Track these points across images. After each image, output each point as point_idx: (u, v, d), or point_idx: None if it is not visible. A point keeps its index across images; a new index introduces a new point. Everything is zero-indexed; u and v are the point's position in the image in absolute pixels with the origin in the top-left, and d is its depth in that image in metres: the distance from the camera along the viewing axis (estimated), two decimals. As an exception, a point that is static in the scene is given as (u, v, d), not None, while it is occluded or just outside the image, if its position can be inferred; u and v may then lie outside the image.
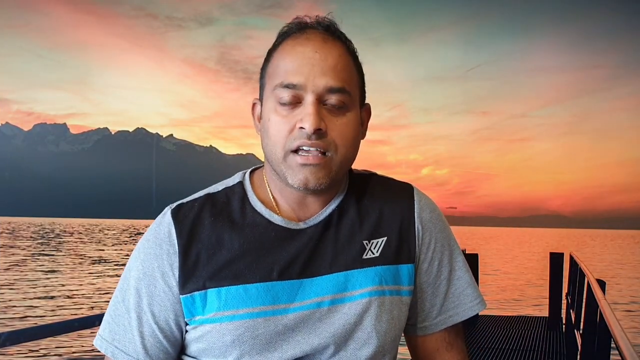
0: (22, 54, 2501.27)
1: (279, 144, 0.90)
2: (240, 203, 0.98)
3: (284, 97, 0.90)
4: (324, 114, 0.90)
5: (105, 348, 0.95)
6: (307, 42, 0.91)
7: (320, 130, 0.88)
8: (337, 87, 0.90)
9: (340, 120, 0.91)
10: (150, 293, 0.94)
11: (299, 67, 0.89)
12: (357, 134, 0.95)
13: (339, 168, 0.92)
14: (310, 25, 0.94)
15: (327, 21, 0.94)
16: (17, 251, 34.07)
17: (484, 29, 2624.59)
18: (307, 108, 0.88)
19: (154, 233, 0.96)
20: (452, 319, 1.05)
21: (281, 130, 0.90)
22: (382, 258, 0.97)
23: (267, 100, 0.93)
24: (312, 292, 0.93)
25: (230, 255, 0.93)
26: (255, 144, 1.02)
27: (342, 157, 0.92)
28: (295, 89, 0.89)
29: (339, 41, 0.94)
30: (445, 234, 1.05)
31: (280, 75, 0.91)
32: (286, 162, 0.90)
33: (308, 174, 0.89)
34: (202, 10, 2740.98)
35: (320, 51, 0.90)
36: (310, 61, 0.89)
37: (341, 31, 0.95)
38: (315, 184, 0.90)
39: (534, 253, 47.36)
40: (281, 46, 0.94)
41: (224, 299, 0.91)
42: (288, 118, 0.90)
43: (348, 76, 0.92)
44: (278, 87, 0.90)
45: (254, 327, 0.90)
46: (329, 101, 0.90)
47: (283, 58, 0.92)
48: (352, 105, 0.93)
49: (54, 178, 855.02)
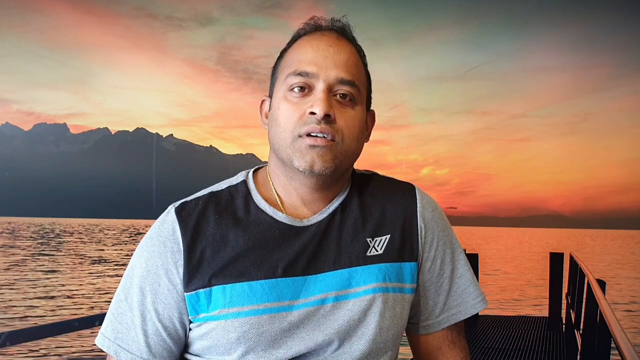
0: (22, 54, 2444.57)
1: (288, 129, 0.92)
2: (244, 201, 0.99)
3: (295, 85, 0.93)
4: (333, 103, 0.93)
5: (108, 346, 0.95)
6: (321, 37, 0.96)
7: (329, 117, 0.91)
8: (347, 79, 0.93)
9: (348, 112, 0.94)
10: (154, 291, 0.94)
11: (313, 58, 0.93)
12: (362, 130, 0.97)
13: (344, 157, 0.94)
14: (325, 27, 0.98)
15: (341, 24, 0.99)
16: (17, 251, 34.07)
17: (484, 29, 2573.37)
18: (318, 94, 0.92)
19: (157, 231, 0.96)
20: (454, 317, 1.05)
21: (291, 116, 0.92)
22: (385, 255, 0.98)
23: (278, 91, 0.96)
24: (317, 289, 0.93)
25: (235, 253, 0.93)
26: (256, 144, 1.03)
27: (347, 147, 0.94)
28: (307, 77, 0.92)
29: (351, 43, 0.98)
30: (447, 232, 1.06)
31: (294, 64, 0.94)
32: (294, 146, 0.92)
33: (315, 156, 0.91)
34: (202, 10, 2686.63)
35: (334, 46, 0.95)
36: (324, 53, 0.94)
37: (353, 36, 0.99)
38: (321, 166, 0.91)
39: (534, 253, 47.36)
40: (296, 43, 0.98)
41: (228, 296, 0.91)
42: (298, 105, 0.92)
43: (358, 73, 0.96)
44: (291, 75, 0.93)
45: (258, 324, 0.90)
46: (338, 92, 0.93)
47: (297, 50, 0.96)
48: (360, 101, 0.96)
49: (54, 178, 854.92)
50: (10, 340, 1.65)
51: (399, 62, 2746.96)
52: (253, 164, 1.12)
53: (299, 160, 0.92)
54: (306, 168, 0.91)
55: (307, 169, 0.91)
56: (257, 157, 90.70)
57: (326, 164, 0.91)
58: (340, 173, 0.96)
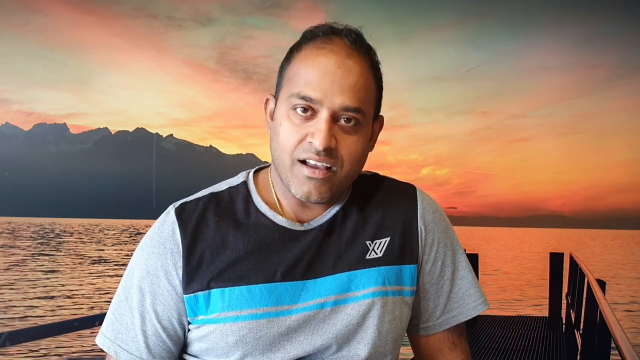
0: (22, 54, 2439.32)
1: (287, 151, 0.90)
2: (245, 203, 0.98)
3: (298, 107, 0.89)
4: (335, 130, 0.90)
5: (108, 346, 0.95)
6: (330, 54, 0.90)
7: (330, 148, 0.89)
8: (353, 107, 0.89)
9: (351, 138, 0.91)
10: (154, 292, 0.94)
11: (319, 81, 0.88)
12: (365, 150, 0.95)
13: (342, 182, 0.93)
14: (338, 33, 0.92)
15: (354, 37, 0.92)
16: (17, 251, 34.07)
17: (484, 29, 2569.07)
18: (320, 124, 0.88)
19: (157, 232, 0.96)
20: (455, 318, 1.05)
21: (291, 139, 0.90)
22: (385, 258, 0.97)
23: (282, 104, 0.93)
24: (316, 293, 0.93)
25: (234, 256, 0.93)
26: (256, 144, 1.04)
27: (346, 173, 0.92)
28: (311, 102, 0.89)
29: (363, 57, 0.92)
30: (448, 234, 1.05)
31: (299, 84, 0.89)
32: (292, 172, 0.91)
33: (312, 188, 0.90)
34: (202, 10, 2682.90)
35: (342, 67, 0.89)
36: (331, 77, 0.88)
37: (368, 44, 0.94)
38: (317, 197, 0.91)
39: (534, 253, 47.35)
40: (304, 50, 0.92)
41: (227, 299, 0.91)
42: (300, 128, 0.90)
43: (366, 96, 0.91)
44: (294, 97, 0.89)
45: (257, 328, 0.90)
46: (342, 118, 0.90)
47: (305, 66, 0.90)
48: (365, 124, 0.93)
49: (54, 178, 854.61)
50: (10, 340, 1.65)
51: (399, 62, 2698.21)
52: (253, 164, 1.11)
53: (296, 188, 0.91)
54: (302, 197, 0.91)
55: (303, 198, 0.91)
56: (257, 157, 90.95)
57: (322, 195, 0.91)
58: (338, 195, 0.96)
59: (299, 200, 0.95)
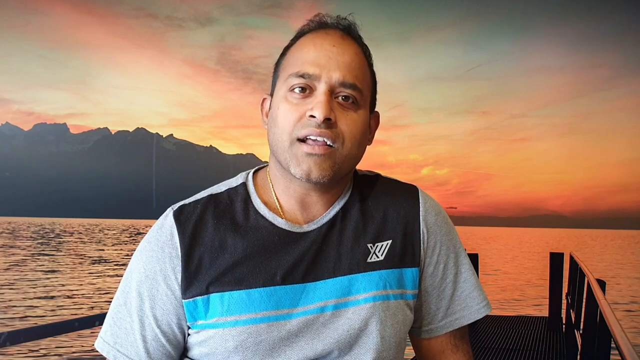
0: (22, 54, 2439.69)
1: (286, 131, 0.90)
2: (244, 205, 0.97)
3: (296, 87, 0.90)
4: (334, 106, 0.90)
5: (107, 351, 0.94)
6: (325, 35, 0.93)
7: (329, 120, 0.88)
8: (350, 82, 0.90)
9: (349, 115, 0.91)
10: (153, 296, 0.93)
11: (316, 58, 0.90)
12: (364, 133, 0.94)
13: (343, 162, 0.91)
14: (330, 24, 0.95)
15: (347, 22, 0.95)
16: (17, 251, 34.05)
17: (484, 29, 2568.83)
18: (319, 97, 0.89)
19: (156, 235, 0.95)
20: (458, 321, 1.04)
21: (290, 118, 0.90)
22: (386, 262, 0.96)
23: (279, 90, 0.93)
24: (316, 297, 0.91)
25: (234, 260, 0.92)
26: (256, 144, 1.03)
27: (347, 152, 0.91)
28: (309, 78, 0.90)
29: (357, 42, 0.95)
30: (451, 236, 1.04)
31: (296, 65, 0.91)
32: (292, 151, 0.90)
33: (312, 164, 0.89)
34: (202, 10, 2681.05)
35: (338, 45, 0.92)
36: (327, 53, 0.91)
37: (359, 35, 0.96)
38: (318, 175, 0.89)
39: (534, 253, 47.34)
40: (299, 41, 0.95)
41: (226, 304, 0.90)
42: (298, 106, 0.90)
43: (361, 75, 0.93)
44: (292, 76, 0.91)
45: (257, 333, 0.89)
46: (340, 94, 0.90)
47: (300, 50, 0.93)
48: (363, 104, 0.93)
49: (54, 178, 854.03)
50: (10, 340, 1.65)
51: (399, 62, 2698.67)
52: (253, 164, 1.11)
53: (295, 167, 0.89)
54: (302, 176, 0.89)
55: (304, 177, 0.89)
56: (257, 157, 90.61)
57: (323, 172, 0.89)
58: (339, 177, 0.94)
59: (300, 197, 0.94)
